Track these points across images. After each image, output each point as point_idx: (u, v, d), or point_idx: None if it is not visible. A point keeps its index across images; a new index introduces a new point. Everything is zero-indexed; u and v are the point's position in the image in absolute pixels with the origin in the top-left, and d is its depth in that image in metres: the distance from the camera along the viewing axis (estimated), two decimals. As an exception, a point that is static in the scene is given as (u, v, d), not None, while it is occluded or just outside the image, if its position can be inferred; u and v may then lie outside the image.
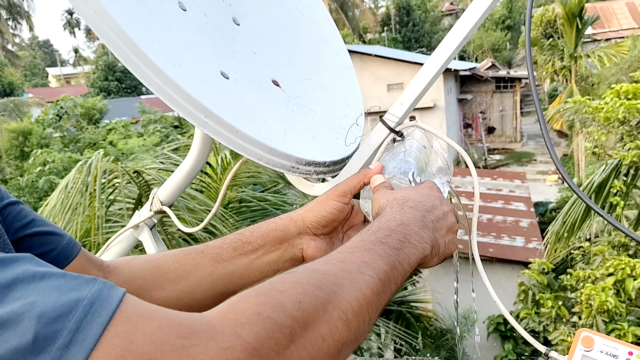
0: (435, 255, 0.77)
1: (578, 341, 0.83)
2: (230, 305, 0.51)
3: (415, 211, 0.76)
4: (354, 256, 0.64)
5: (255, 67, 1.12)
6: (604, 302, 4.05)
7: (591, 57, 23.40)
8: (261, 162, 0.93)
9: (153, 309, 0.47)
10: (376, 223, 0.73)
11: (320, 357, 0.52)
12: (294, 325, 0.50)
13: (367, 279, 0.60)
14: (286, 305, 0.51)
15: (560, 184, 23.24)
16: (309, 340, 0.51)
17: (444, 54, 0.91)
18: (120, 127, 21.03)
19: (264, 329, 0.48)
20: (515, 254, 11.60)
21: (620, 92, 5.23)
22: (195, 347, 0.45)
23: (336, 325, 0.54)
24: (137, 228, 1.26)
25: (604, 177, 6.10)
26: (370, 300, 0.59)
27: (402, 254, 0.67)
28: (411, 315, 8.45)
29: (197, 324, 0.47)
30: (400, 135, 0.97)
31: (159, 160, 8.07)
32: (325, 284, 0.56)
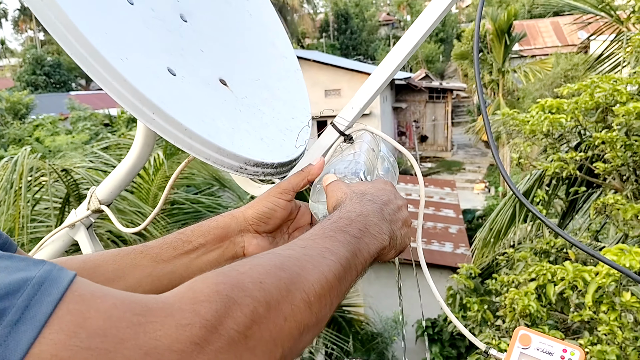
0: (393, 248, 0.78)
1: (516, 339, 0.87)
2: (188, 285, 0.50)
3: (374, 204, 0.77)
4: (316, 242, 0.64)
5: (203, 65, 1.10)
6: (527, 306, 4.21)
7: (517, 72, 24.53)
8: (209, 162, 0.91)
9: (107, 289, 0.45)
10: (336, 213, 0.73)
11: (282, 338, 0.51)
12: (255, 304, 0.49)
13: (329, 263, 0.60)
14: (247, 285, 0.50)
15: (486, 192, 24.16)
16: (271, 320, 0.50)
17: (395, 60, 0.93)
18: (48, 124, 20.12)
19: (224, 307, 0.47)
20: (444, 259, 11.94)
21: (545, 107, 5.50)
22: (152, 323, 0.43)
23: (299, 306, 0.54)
24: (73, 227, 1.20)
25: (527, 186, 6.39)
26: (333, 284, 0.59)
27: (362, 242, 0.68)
28: (343, 319, 8.52)
29: (154, 302, 0.46)
30: (349, 139, 0.98)
31: (89, 158, 7.77)
32: (287, 265, 0.56)
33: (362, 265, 0.67)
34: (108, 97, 4.55)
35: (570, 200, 6.38)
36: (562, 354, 0.84)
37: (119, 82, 0.81)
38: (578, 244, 0.85)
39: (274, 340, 0.50)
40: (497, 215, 6.98)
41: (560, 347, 0.84)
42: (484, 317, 5.50)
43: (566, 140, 5.94)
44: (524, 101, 22.10)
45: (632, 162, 4.89)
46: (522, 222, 6.71)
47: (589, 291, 3.80)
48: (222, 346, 0.46)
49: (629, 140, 4.74)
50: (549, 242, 5.39)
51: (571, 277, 3.95)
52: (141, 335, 0.42)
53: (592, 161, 5.35)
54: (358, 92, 0.98)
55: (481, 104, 0.91)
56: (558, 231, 0.85)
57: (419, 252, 0.97)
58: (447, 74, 47.37)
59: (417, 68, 42.54)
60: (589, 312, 3.81)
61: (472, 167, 29.06)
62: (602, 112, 5.24)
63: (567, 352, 0.84)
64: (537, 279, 4.34)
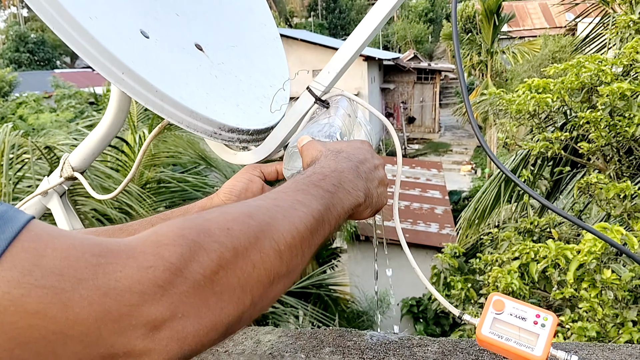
0: (369, 207, 0.77)
1: (490, 304, 0.87)
2: (152, 229, 0.48)
3: (349, 161, 0.76)
4: (287, 195, 0.63)
5: (178, 29, 1.08)
6: (509, 284, 4.25)
7: (506, 54, 24.53)
8: (182, 126, 0.89)
9: (65, 231, 0.44)
10: (310, 169, 0.72)
11: (251, 285, 0.50)
12: (221, 249, 0.48)
13: (300, 215, 0.59)
14: (213, 231, 0.49)
15: (473, 174, 24.29)
16: (238, 266, 0.49)
17: (374, 21, 0.91)
18: (32, 101, 19.86)
19: (189, 251, 0.46)
20: (429, 240, 12.03)
21: (531, 86, 5.50)
22: (112, 265, 0.42)
23: (268, 254, 0.52)
24: (46, 195, 1.18)
25: (513, 166, 6.42)
26: (304, 235, 0.58)
27: (336, 197, 0.67)
28: (329, 298, 8.59)
29: (115, 244, 0.44)
30: (326, 105, 0.96)
31: (73, 136, 7.70)
32: (257, 214, 0.55)
33: (335, 220, 0.66)
34: (93, 75, 4.48)
35: (554, 180, 6.43)
36: (535, 319, 0.84)
37: (86, 40, 0.78)
38: (564, 213, 0.85)
39: (242, 286, 0.49)
40: (482, 195, 7.02)
41: (533, 313, 0.85)
42: (468, 295, 5.55)
43: (552, 122, 5.96)
44: (512, 82, 22.13)
45: (616, 142, 4.93)
46: (506, 202, 6.76)
47: (570, 269, 3.84)
48: (187, 290, 0.44)
49: (613, 121, 4.76)
50: (533, 221, 5.43)
51: (553, 255, 3.99)
52: (100, 276, 0.41)
53: (577, 141, 5.38)
54: (335, 55, 0.96)
55: (463, 89, 0.89)
56: (544, 202, 0.84)
57: (397, 229, 0.96)
58: (436, 55, 47.23)
59: (406, 49, 42.40)
60: (570, 289, 3.85)
61: (459, 149, 29.16)
62: (587, 92, 5.25)
63: (540, 317, 0.84)
64: (521, 257, 4.38)
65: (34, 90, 22.18)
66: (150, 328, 0.42)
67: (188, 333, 0.45)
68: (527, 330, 0.84)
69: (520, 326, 0.84)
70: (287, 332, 1.23)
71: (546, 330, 0.83)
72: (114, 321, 0.40)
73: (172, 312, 0.43)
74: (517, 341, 0.83)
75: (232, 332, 0.51)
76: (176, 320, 0.44)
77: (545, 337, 0.82)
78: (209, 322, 0.46)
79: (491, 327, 0.85)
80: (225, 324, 0.48)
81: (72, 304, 0.39)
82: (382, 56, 28.33)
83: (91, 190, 1.14)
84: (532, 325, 0.84)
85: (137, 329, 0.42)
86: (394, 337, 1.15)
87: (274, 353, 1.14)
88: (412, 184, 15.85)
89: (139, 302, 0.41)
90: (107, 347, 0.41)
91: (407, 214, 13.54)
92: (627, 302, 3.78)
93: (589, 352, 1.02)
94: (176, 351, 0.44)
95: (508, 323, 0.85)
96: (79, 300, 0.39)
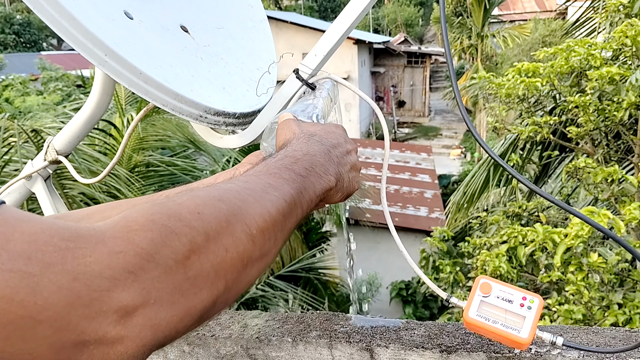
0: (340, 191, 0.77)
1: (477, 287, 0.87)
2: (122, 215, 0.47)
3: (321, 145, 0.75)
4: (259, 178, 0.62)
5: (163, 10, 1.06)
6: (497, 267, 4.28)
7: (496, 37, 24.50)
8: (166, 109, 0.88)
9: (35, 216, 0.43)
10: (282, 152, 0.71)
11: (224, 269, 0.50)
12: (192, 234, 0.47)
13: (272, 199, 0.58)
14: (184, 215, 0.48)
15: (462, 158, 24.38)
16: (210, 250, 0.48)
17: (361, 4, 0.89)
18: (18, 84, 19.60)
19: (159, 236, 0.45)
20: (419, 224, 12.08)
21: (521, 70, 5.50)
22: (82, 249, 0.41)
23: (240, 238, 0.52)
24: (30, 179, 1.16)
25: (502, 150, 6.44)
26: (276, 219, 0.57)
27: (307, 181, 0.67)
28: (319, 281, 8.62)
29: (85, 229, 0.43)
30: (313, 87, 0.95)
31: (60, 119, 7.62)
32: (228, 198, 0.54)
33: (307, 204, 0.66)
34: (80, 58, 4.42)
35: (543, 164, 6.46)
36: (522, 302, 0.85)
37: (67, 21, 0.77)
38: (551, 197, 0.85)
39: (216, 271, 0.49)
40: (472, 179, 7.04)
41: (520, 295, 0.85)
42: (456, 278, 5.60)
43: (542, 106, 5.97)
44: (502, 66, 22.15)
45: (604, 127, 4.95)
46: (495, 186, 6.80)
47: (557, 252, 3.88)
48: (159, 275, 0.44)
49: (602, 105, 4.78)
50: (521, 205, 5.47)
51: (541, 239, 4.02)
52: (69, 260, 0.40)
53: (566, 125, 5.40)
54: (322, 38, 0.95)
55: (452, 75, 0.89)
56: (531, 186, 0.84)
57: (385, 214, 0.96)
58: (427, 39, 47.08)
59: (396, 32, 42.21)
60: (557, 273, 3.89)
61: (449, 133, 29.21)
62: (576, 76, 5.26)
63: (526, 300, 0.85)
64: (509, 241, 4.41)
65: (20, 73, 21.88)
66: (122, 314, 0.41)
67: (161, 319, 0.44)
68: (514, 313, 0.84)
69: (506, 309, 0.85)
70: (274, 316, 1.23)
71: (532, 313, 0.84)
72: (84, 306, 0.40)
73: (144, 298, 0.42)
74: (503, 323, 0.84)
75: (207, 318, 0.50)
76: (148, 306, 0.43)
77: (531, 319, 0.83)
78: (183, 308, 0.46)
79: (478, 309, 0.86)
80: (199, 310, 0.48)
81: (40, 289, 0.38)
82: (373, 39, 28.18)
83: (76, 174, 1.13)
84: (519, 307, 0.84)
85: (108, 315, 0.41)
86: (380, 321, 1.16)
87: (260, 337, 1.14)
88: (401, 168, 15.88)
89: (109, 287, 0.41)
90: (78, 332, 0.40)
91: (397, 198, 13.59)
92: (613, 285, 3.83)
93: (573, 335, 1.03)
94: (150, 338, 0.44)
95: (495, 306, 0.85)
96: (48, 284, 0.38)
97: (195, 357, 1.19)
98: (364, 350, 1.08)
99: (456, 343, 1.05)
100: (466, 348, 1.03)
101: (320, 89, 0.94)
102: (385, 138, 0.99)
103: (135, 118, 1.11)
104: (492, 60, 25.09)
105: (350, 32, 0.94)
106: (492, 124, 6.38)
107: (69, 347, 0.40)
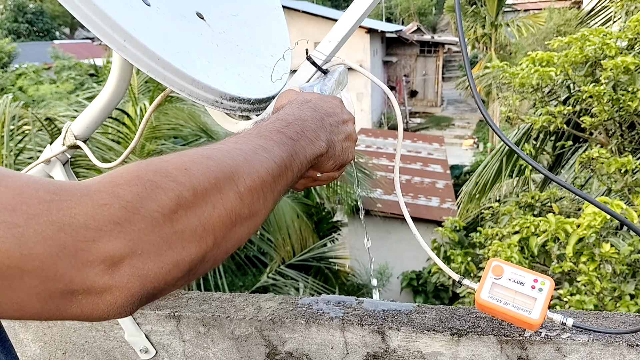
0: (332, 158, 0.76)
1: (489, 270, 0.89)
2: (108, 172, 0.48)
3: (314, 111, 0.75)
4: (249, 140, 0.62)
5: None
6: (509, 257, 4.27)
7: (510, 27, 24.24)
8: (183, 94, 0.90)
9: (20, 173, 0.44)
10: (274, 116, 0.72)
11: (212, 225, 0.50)
12: (179, 188, 0.48)
13: (261, 159, 0.58)
14: (170, 171, 0.49)
15: (475, 148, 24.25)
16: (198, 205, 0.49)
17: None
18: (31, 73, 19.74)
19: (145, 190, 0.45)
20: (430, 214, 12.06)
21: (535, 59, 5.46)
22: (67, 201, 0.42)
23: (227, 195, 0.52)
24: (49, 163, 1.19)
25: (515, 140, 6.41)
26: (265, 180, 0.58)
27: (298, 145, 0.66)
28: (330, 270, 8.65)
29: (69, 184, 0.44)
30: (326, 73, 0.96)
31: (73, 108, 7.68)
32: (216, 156, 0.54)
33: (298, 168, 0.65)
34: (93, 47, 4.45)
35: (556, 155, 6.43)
36: (533, 284, 0.86)
37: (87, 6, 0.78)
38: (565, 183, 0.86)
39: (204, 225, 0.49)
40: (484, 169, 7.02)
41: (531, 277, 0.86)
42: (467, 268, 5.59)
43: (556, 96, 5.93)
44: (516, 56, 21.93)
45: (618, 117, 4.91)
46: (508, 176, 6.77)
47: (570, 242, 3.87)
48: (145, 227, 0.44)
49: (616, 95, 4.74)
50: (534, 195, 5.45)
51: (553, 229, 4.01)
52: (54, 212, 0.41)
53: (580, 115, 5.36)
54: (336, 24, 0.96)
55: (466, 64, 0.89)
56: (546, 172, 0.85)
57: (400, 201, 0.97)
58: (440, 27, 46.70)
59: (409, 21, 41.91)
60: (569, 263, 3.89)
61: (462, 123, 29.04)
62: (591, 66, 5.21)
63: (537, 282, 0.86)
64: (521, 231, 4.40)
65: (33, 62, 22.03)
66: (108, 264, 0.42)
67: (149, 270, 0.44)
68: (525, 295, 0.85)
69: (518, 290, 0.86)
70: (287, 299, 1.25)
71: (543, 294, 0.85)
72: (70, 256, 0.40)
73: (130, 248, 0.43)
74: (515, 305, 0.85)
75: (197, 272, 0.50)
76: (135, 257, 0.43)
77: (542, 300, 0.84)
78: (171, 260, 0.46)
79: (490, 291, 0.87)
80: (188, 263, 0.48)
81: (25, 239, 0.39)
82: (385, 28, 27.99)
83: (94, 158, 1.15)
84: (530, 289, 0.86)
85: (95, 264, 0.42)
86: (392, 305, 1.17)
87: (274, 319, 1.16)
88: (413, 158, 15.84)
89: (95, 238, 0.41)
90: (65, 282, 0.41)
91: (408, 188, 13.57)
92: (625, 275, 3.82)
93: (583, 319, 1.04)
94: (138, 288, 0.44)
95: (506, 287, 0.87)
96: (33, 235, 0.39)
97: (210, 337, 1.22)
98: (375, 332, 1.10)
99: (467, 326, 1.06)
100: (477, 331, 1.04)
101: (331, 74, 0.95)
102: (399, 123, 1.00)
103: (151, 105, 1.13)
104: (506, 50, 24.84)
105: (365, 18, 0.95)
106: (505, 113, 6.34)
107: (57, 296, 0.41)
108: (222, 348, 1.22)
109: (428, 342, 1.06)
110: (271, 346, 1.18)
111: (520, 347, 1.01)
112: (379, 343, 1.10)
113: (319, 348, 1.15)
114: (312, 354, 1.15)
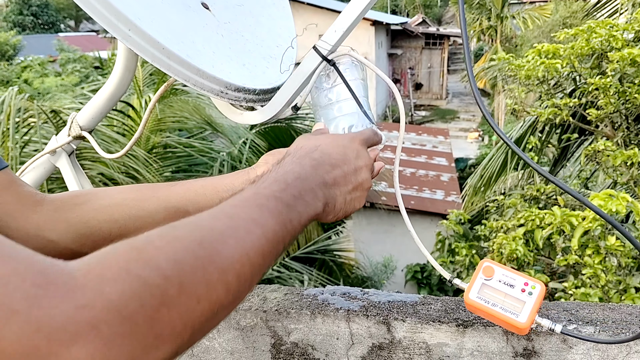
0: (330, 213, 0.74)
1: (480, 270, 0.88)
2: (99, 257, 0.46)
3: (318, 165, 0.73)
4: (244, 212, 0.60)
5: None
6: (514, 250, 4.27)
7: (516, 19, 24.09)
8: (188, 84, 0.90)
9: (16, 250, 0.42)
10: (273, 174, 0.69)
11: (193, 320, 0.48)
12: (166, 285, 0.45)
13: (254, 239, 0.57)
14: (160, 264, 0.47)
15: (480, 141, 24.17)
16: (182, 302, 0.46)
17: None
18: (37, 65, 19.76)
19: (130, 288, 0.43)
20: (435, 207, 12.06)
21: (541, 51, 5.43)
22: (49, 299, 0.40)
23: (215, 287, 0.50)
24: (55, 154, 1.19)
25: (521, 133, 6.39)
26: (254, 262, 0.56)
27: (294, 211, 0.65)
28: (334, 263, 8.66)
29: (58, 273, 0.42)
30: (332, 64, 0.95)
31: (79, 100, 7.68)
32: (208, 241, 0.52)
33: (290, 236, 0.64)
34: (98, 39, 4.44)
35: (562, 147, 6.40)
36: (524, 287, 0.85)
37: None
38: (565, 187, 0.85)
39: (184, 322, 0.47)
40: (489, 162, 7.00)
41: (522, 280, 0.86)
42: (472, 261, 5.59)
43: (561, 88, 5.90)
44: (522, 48, 21.80)
45: (624, 109, 4.88)
46: (513, 169, 6.75)
47: (575, 235, 3.86)
48: (124, 332, 0.42)
49: (622, 87, 4.71)
50: (539, 188, 5.43)
51: (559, 222, 4.00)
52: (35, 310, 0.39)
53: (586, 108, 5.33)
54: (342, 14, 0.95)
55: (467, 58, 0.89)
56: (544, 173, 0.85)
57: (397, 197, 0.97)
58: (445, 20, 46.46)
59: (414, 13, 41.72)
60: (574, 256, 3.88)
61: (467, 116, 28.95)
62: (597, 58, 5.18)
63: (528, 286, 0.85)
64: (526, 224, 4.39)
65: (39, 54, 22.05)
66: None
67: None
68: (514, 297, 0.85)
69: (507, 293, 0.86)
70: (293, 290, 1.25)
71: (533, 299, 0.84)
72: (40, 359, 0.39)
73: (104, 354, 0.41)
74: (503, 307, 0.85)
75: None
76: None
77: (531, 304, 0.84)
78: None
79: (479, 292, 0.87)
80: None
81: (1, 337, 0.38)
82: (390, 21, 27.85)
83: (99, 149, 1.15)
84: (520, 292, 0.85)
85: None
86: (397, 296, 1.17)
87: (280, 310, 1.16)
88: (418, 151, 15.81)
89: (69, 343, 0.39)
90: None
91: (413, 181, 13.55)
92: (630, 268, 3.81)
93: (589, 311, 1.04)
94: None
95: (496, 289, 0.86)
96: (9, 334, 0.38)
97: (216, 328, 1.22)
98: (381, 323, 1.10)
99: (472, 317, 1.06)
100: (482, 322, 1.04)
101: (342, 67, 0.94)
102: (402, 118, 1.00)
103: (155, 95, 1.12)
104: (512, 42, 24.70)
105: (370, 7, 0.94)
106: (511, 105, 6.31)
107: None
108: (227, 338, 1.23)
109: (433, 333, 1.06)
110: (276, 337, 1.18)
111: (527, 339, 1.01)
112: (385, 334, 1.10)
113: (324, 339, 1.15)
114: (317, 345, 1.16)
